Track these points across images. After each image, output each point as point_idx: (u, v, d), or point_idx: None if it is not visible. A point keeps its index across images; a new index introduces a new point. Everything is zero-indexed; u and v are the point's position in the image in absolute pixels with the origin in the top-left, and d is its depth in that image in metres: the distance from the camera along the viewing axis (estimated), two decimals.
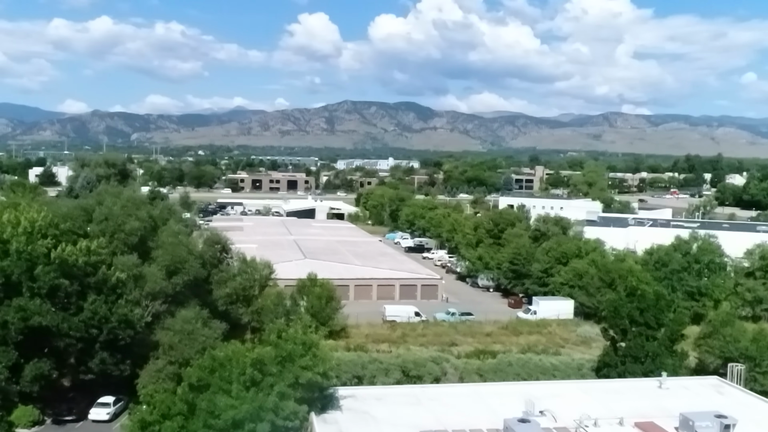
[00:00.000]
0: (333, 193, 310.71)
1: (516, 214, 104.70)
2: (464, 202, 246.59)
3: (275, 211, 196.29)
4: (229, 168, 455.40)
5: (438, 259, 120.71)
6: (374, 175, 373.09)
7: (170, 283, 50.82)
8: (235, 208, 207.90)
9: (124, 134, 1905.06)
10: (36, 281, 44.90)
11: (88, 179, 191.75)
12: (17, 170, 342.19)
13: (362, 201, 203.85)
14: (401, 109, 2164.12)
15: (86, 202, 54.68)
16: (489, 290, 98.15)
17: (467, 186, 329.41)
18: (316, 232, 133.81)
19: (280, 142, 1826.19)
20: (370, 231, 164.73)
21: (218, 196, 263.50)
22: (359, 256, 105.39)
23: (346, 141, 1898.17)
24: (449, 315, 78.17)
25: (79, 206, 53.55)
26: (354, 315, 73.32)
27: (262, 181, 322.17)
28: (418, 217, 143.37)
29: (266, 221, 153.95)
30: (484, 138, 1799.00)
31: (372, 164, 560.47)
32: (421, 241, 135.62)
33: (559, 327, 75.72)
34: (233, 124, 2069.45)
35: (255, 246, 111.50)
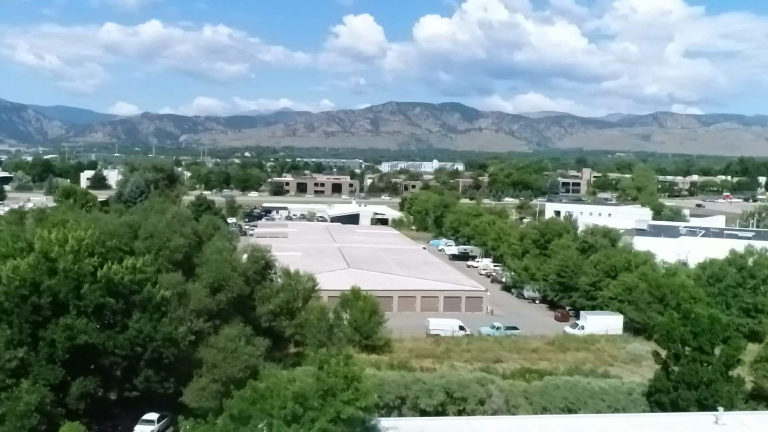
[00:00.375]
0: (377, 197, 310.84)
1: (563, 224, 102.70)
2: (509, 207, 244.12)
3: (319, 216, 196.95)
4: (274, 170, 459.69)
5: (483, 268, 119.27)
6: (418, 177, 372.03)
7: (214, 300, 50.87)
8: (280, 213, 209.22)
9: (173, 136, 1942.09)
10: (82, 300, 45.29)
11: (137, 184, 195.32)
12: (70, 173, 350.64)
13: (406, 206, 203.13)
14: (446, 110, 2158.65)
15: (132, 218, 55.06)
16: (535, 302, 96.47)
17: (512, 189, 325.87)
18: (360, 239, 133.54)
19: (325, 143, 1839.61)
20: (414, 237, 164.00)
21: (264, 200, 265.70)
22: (403, 265, 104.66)
23: (390, 142, 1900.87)
24: (494, 329, 76.88)
25: (125, 223, 53.99)
26: (397, 328, 72.65)
27: (307, 185, 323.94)
28: (463, 224, 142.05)
29: (311, 227, 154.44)
30: (529, 139, 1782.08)
31: (416, 166, 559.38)
32: (465, 249, 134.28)
33: (608, 343, 73.83)
34: (279, 126, 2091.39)
35: (299, 254, 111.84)
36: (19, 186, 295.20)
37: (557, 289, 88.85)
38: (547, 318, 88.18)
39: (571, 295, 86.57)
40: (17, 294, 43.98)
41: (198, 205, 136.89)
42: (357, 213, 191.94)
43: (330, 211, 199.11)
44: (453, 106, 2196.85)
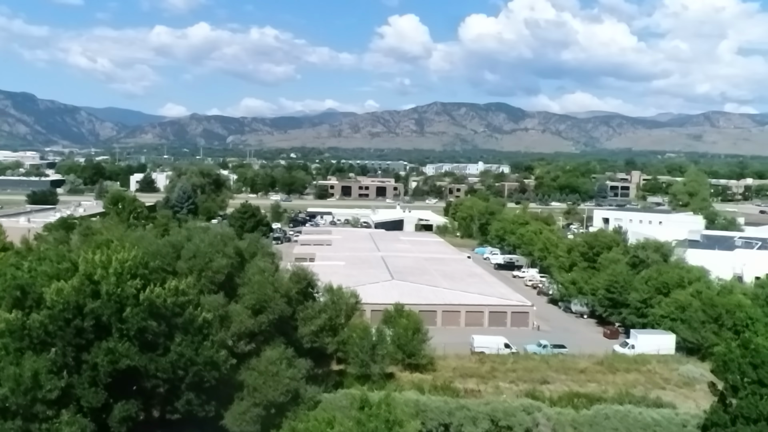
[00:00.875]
0: (421, 200, 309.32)
1: (612, 237, 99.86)
2: (556, 212, 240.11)
3: (364, 221, 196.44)
4: (319, 173, 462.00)
5: (529, 279, 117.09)
6: (463, 181, 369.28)
7: (256, 322, 50.37)
8: (325, 218, 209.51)
9: (220, 137, 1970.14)
10: (125, 323, 45.15)
11: (184, 189, 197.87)
12: (120, 175, 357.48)
13: (451, 212, 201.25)
14: (491, 110, 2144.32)
15: (175, 238, 54.97)
16: (583, 317, 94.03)
17: (559, 193, 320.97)
18: (404, 248, 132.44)
19: (369, 144, 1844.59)
20: (459, 244, 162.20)
21: (308, 203, 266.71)
22: (447, 276, 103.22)
23: (435, 143, 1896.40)
24: (541, 347, 74.96)
25: (169, 242, 53.91)
26: (441, 344, 71.33)
27: (352, 188, 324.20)
28: (509, 232, 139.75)
29: (355, 234, 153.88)
30: (577, 139, 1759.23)
31: (461, 169, 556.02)
32: (511, 259, 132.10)
33: (660, 364, 71.27)
34: (324, 127, 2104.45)
35: (343, 263, 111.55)
36: (71, 189, 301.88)
37: (606, 305, 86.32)
38: (595, 334, 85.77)
39: (621, 311, 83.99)
40: (61, 317, 44.09)
41: (243, 212, 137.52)
42: (401, 219, 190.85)
43: (374, 216, 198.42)
44: (499, 106, 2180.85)
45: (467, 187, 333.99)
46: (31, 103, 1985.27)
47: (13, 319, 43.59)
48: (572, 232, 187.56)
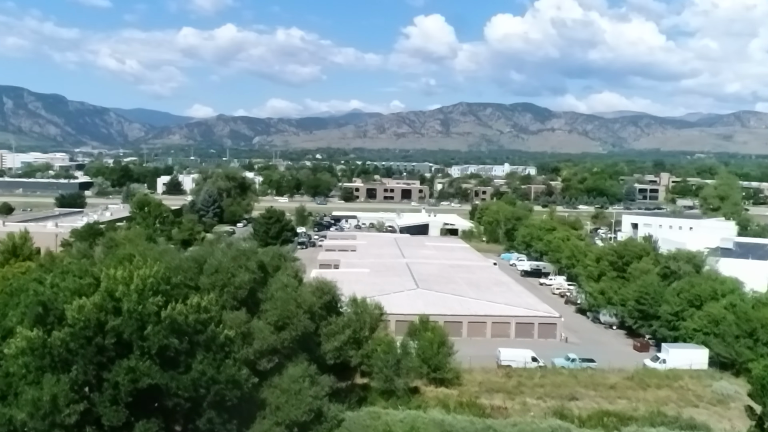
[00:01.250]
0: (447, 203, 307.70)
1: (643, 246, 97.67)
2: (584, 216, 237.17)
3: (389, 225, 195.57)
4: (344, 175, 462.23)
5: (556, 287, 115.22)
6: (489, 183, 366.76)
7: (278, 338, 49.58)
8: (349, 222, 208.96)
9: (247, 138, 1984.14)
10: (146, 340, 44.62)
11: (209, 193, 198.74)
12: (147, 177, 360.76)
13: (477, 216, 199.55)
14: (518, 110, 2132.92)
15: (198, 252, 54.40)
16: (612, 327, 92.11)
17: (587, 196, 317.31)
18: (429, 254, 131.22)
19: (395, 144, 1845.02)
20: (485, 249, 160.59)
21: (333, 207, 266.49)
22: (473, 285, 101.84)
23: (461, 143, 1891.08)
24: (569, 361, 73.32)
25: (191, 257, 53.34)
26: (467, 356, 70.00)
27: (377, 191, 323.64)
28: (536, 239, 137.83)
29: (379, 239, 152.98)
30: (604, 139, 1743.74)
31: (487, 170, 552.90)
32: (538, 266, 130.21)
33: (692, 380, 69.25)
34: (350, 127, 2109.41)
35: (367, 270, 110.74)
36: (99, 192, 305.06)
37: (636, 317, 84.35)
38: (625, 347, 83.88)
39: (652, 323, 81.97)
40: (82, 335, 43.68)
41: (268, 217, 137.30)
42: (426, 223, 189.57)
43: (399, 220, 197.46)
44: (525, 107, 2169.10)
45: (493, 190, 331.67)
46: (62, 104, 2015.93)
47: (35, 337, 43.25)
48: (600, 236, 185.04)
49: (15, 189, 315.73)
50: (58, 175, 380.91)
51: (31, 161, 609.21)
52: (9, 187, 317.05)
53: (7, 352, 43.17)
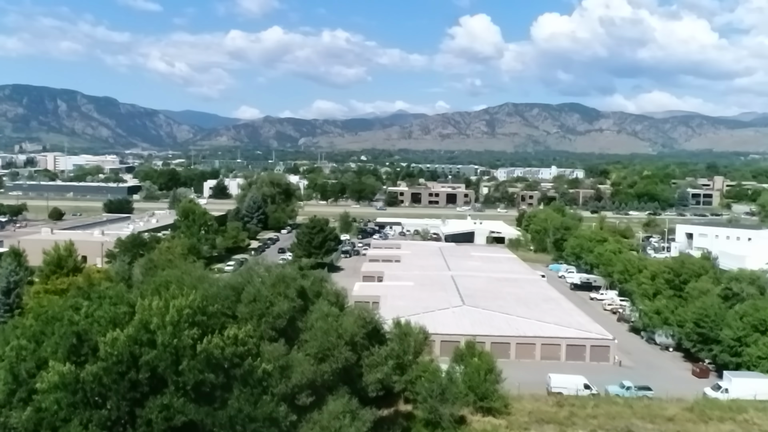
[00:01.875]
0: (493, 208, 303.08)
1: (701, 263, 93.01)
2: (634, 223, 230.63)
3: (434, 233, 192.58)
4: (389, 178, 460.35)
5: (608, 303, 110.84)
6: (536, 187, 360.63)
7: (318, 370, 47.41)
8: (394, 228, 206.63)
9: (293, 139, 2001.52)
10: (181, 375, 42.91)
11: (254, 199, 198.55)
12: (194, 181, 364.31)
13: (524, 224, 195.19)
14: (565, 111, 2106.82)
15: (235, 280, 52.58)
16: (668, 349, 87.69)
17: (637, 201, 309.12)
18: (475, 266, 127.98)
19: (440, 145, 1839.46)
20: (532, 259, 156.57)
21: (377, 212, 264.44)
22: (521, 301, 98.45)
23: (506, 144, 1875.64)
24: (624, 389, 69.56)
25: (229, 285, 51.48)
26: (515, 381, 66.81)
27: (421, 195, 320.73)
28: (586, 250, 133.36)
29: (424, 249, 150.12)
30: (654, 140, 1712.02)
31: (534, 173, 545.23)
32: (588, 279, 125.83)
33: (758, 413, 64.82)
34: (395, 128, 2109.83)
35: (412, 284, 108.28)
36: (146, 195, 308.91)
37: (695, 340, 79.94)
38: (683, 372, 79.57)
39: (712, 348, 77.51)
40: (115, 370, 42.17)
41: (311, 227, 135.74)
42: (472, 231, 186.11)
43: (444, 228, 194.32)
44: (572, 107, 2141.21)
45: (540, 194, 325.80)
46: (113, 106, 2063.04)
47: (67, 372, 41.87)
48: (652, 246, 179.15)
49: (66, 193, 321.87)
50: (108, 178, 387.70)
51: (82, 164, 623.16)
52: (60, 191, 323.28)
53: (39, 387, 41.91)
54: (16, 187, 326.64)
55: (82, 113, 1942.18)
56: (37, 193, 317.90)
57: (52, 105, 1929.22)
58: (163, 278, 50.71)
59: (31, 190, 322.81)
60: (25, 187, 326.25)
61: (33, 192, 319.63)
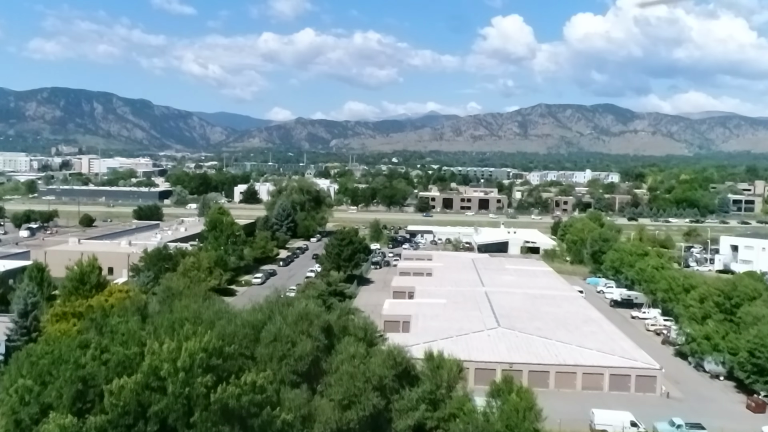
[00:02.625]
0: (526, 214, 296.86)
1: (755, 286, 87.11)
2: (674, 231, 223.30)
3: (466, 242, 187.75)
4: (420, 182, 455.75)
5: (651, 324, 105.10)
6: (570, 192, 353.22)
7: (343, 418, 43.48)
8: (425, 237, 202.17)
9: (324, 141, 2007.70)
10: (193, 428, 39.30)
11: (283, 207, 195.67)
12: (225, 185, 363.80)
13: (560, 234, 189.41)
14: (599, 112, 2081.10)
15: (255, 317, 48.77)
16: (719, 378, 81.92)
17: (676, 207, 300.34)
18: (509, 281, 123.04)
19: (472, 147, 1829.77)
20: (568, 272, 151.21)
21: (409, 218, 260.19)
22: (560, 322, 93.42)
23: (539, 146, 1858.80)
24: (674, 427, 64.39)
25: (248, 323, 47.70)
26: (555, 415, 61.99)
27: (453, 200, 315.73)
28: (626, 264, 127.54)
29: (457, 261, 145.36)
30: (690, 141, 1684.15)
31: (568, 177, 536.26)
32: (629, 296, 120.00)
33: None
34: (426, 130, 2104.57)
35: (444, 302, 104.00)
36: (177, 200, 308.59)
37: (749, 370, 74.31)
38: (737, 405, 73.92)
39: None
40: (122, 423, 38.68)
41: (341, 239, 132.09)
42: (506, 241, 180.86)
43: (477, 237, 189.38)
44: (606, 108, 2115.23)
45: (575, 200, 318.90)
46: (148, 109, 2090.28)
47: (69, 424, 38.49)
48: (694, 258, 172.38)
49: (98, 197, 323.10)
50: (140, 182, 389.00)
51: (116, 167, 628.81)
52: (93, 196, 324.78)
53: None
54: (49, 192, 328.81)
55: (117, 115, 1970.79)
56: (70, 198, 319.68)
57: (89, 107, 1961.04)
58: (179, 314, 47.10)
59: (64, 194, 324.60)
60: (59, 191, 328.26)
61: (66, 197, 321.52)
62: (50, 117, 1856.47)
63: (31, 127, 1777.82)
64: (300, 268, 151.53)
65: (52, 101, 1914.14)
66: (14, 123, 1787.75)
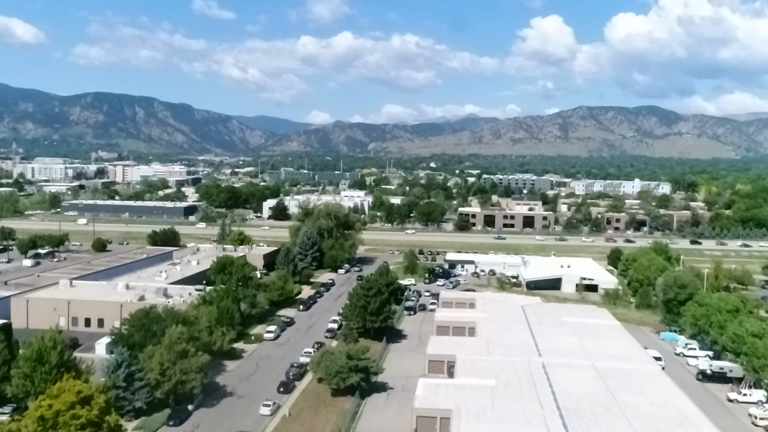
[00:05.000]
0: (576, 233, 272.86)
1: None
2: (744, 258, 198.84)
3: (512, 277, 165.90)
4: (459, 193, 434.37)
5: (760, 417, 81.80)
6: (621, 208, 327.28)
7: None
8: (466, 268, 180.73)
9: (362, 144, 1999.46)
10: None
11: (308, 234, 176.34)
12: (255, 198, 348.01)
13: (621, 268, 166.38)
14: (642, 114, 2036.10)
15: None
16: None
17: (741, 226, 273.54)
18: (571, 345, 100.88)
19: (511, 150, 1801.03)
20: (636, 320, 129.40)
21: (447, 241, 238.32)
22: (647, 420, 71.59)
23: (580, 149, 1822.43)
24: None
25: None
26: None
27: (495, 218, 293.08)
28: (715, 326, 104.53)
29: (504, 314, 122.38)
30: (737, 143, 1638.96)
31: (615, 187, 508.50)
32: (722, 368, 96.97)
33: None
34: (465, 133, 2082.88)
35: (492, 384, 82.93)
36: (202, 217, 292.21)
37: None
38: None
39: None
40: None
41: (367, 288, 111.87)
42: (559, 277, 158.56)
43: (525, 271, 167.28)
44: (649, 110, 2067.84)
45: (627, 217, 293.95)
46: (188, 113, 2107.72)
47: None
48: None
49: (122, 213, 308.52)
50: (168, 195, 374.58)
51: (150, 175, 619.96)
52: (116, 211, 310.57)
53: None
54: (72, 207, 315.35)
55: (158, 119, 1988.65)
56: (93, 214, 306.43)
57: (131, 112, 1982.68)
58: None
59: (87, 210, 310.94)
60: (81, 207, 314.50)
61: (89, 212, 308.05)
62: (93, 121, 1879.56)
63: (74, 131, 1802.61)
64: (323, 312, 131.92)
65: (95, 106, 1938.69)
66: (59, 128, 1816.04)
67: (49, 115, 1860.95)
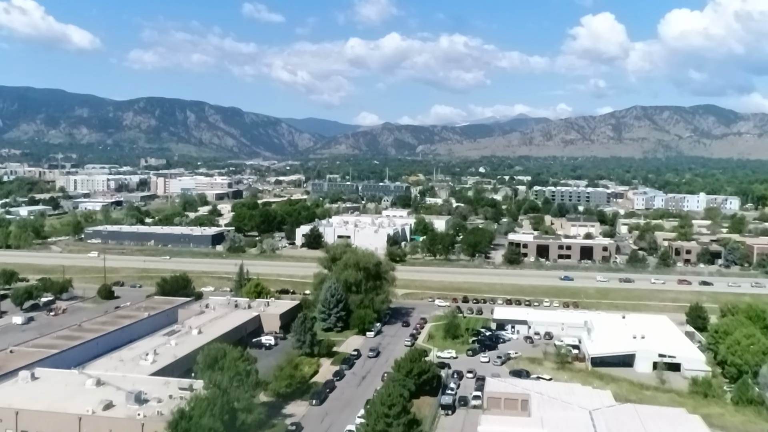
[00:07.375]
0: (641, 269, 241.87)
1: None
2: None
3: (573, 347, 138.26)
4: (509, 211, 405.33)
5: None
6: (690, 235, 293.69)
7: None
8: (518, 329, 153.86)
9: (410, 146, 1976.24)
10: None
11: (332, 291, 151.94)
12: (291, 218, 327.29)
13: (708, 341, 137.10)
14: (698, 113, 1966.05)
15: None
16: None
17: None
18: None
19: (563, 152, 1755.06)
20: (737, 428, 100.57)
21: (497, 282, 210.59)
22: None
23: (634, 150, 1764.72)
24: None
25: None
26: None
27: (549, 248, 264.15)
28: None
29: (568, 419, 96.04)
30: None
31: (677, 202, 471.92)
32: None
33: None
34: (515, 135, 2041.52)
35: None
36: (230, 247, 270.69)
37: None
38: None
39: None
40: None
41: (387, 398, 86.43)
42: (632, 353, 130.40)
43: (589, 341, 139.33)
44: (707, 109, 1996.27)
45: (699, 248, 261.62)
46: (238, 116, 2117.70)
47: None
48: None
49: (147, 241, 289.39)
50: (199, 218, 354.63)
51: (191, 188, 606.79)
52: (141, 239, 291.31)
53: None
54: (95, 234, 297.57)
55: (209, 123, 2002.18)
56: (116, 242, 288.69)
57: (182, 116, 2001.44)
58: None
59: (110, 237, 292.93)
60: (105, 234, 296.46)
61: (113, 240, 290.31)
62: (146, 126, 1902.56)
63: (127, 136, 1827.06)
64: (341, 408, 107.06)
65: (147, 110, 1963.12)
66: (112, 132, 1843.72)
67: (103, 120, 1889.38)
